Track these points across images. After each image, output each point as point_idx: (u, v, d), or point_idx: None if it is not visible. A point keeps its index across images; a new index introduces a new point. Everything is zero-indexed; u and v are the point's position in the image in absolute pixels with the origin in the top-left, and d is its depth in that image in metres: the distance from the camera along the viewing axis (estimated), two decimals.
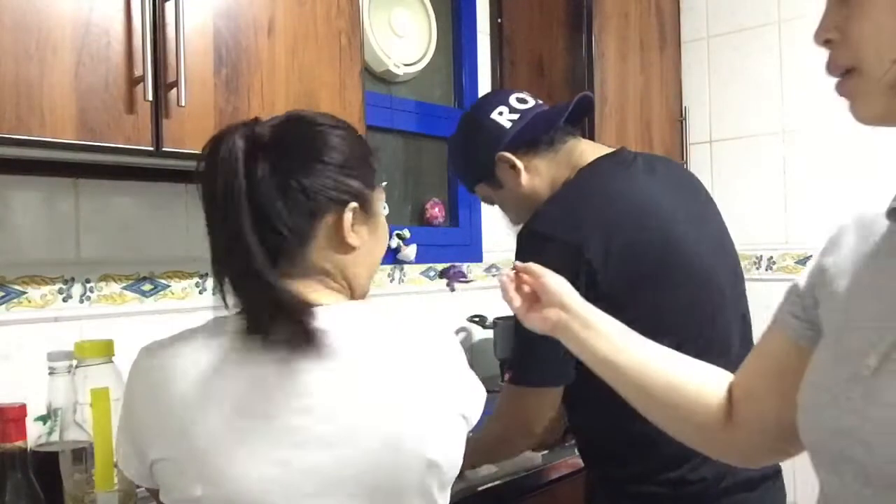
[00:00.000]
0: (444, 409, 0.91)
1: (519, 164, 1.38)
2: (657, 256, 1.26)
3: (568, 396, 1.32)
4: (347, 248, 0.93)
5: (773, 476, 1.33)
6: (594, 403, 1.27)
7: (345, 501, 0.85)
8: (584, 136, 1.45)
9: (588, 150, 1.39)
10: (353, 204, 0.93)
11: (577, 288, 1.19)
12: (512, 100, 1.42)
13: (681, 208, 1.33)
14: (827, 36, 0.69)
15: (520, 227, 1.35)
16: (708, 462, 1.23)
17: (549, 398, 1.30)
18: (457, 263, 2.34)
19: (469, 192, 1.55)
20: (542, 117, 1.41)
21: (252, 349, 0.85)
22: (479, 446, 1.29)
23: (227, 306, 0.88)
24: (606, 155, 1.38)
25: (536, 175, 1.39)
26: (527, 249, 1.26)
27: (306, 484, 0.83)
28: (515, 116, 1.40)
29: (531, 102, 1.43)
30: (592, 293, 1.19)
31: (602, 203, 1.29)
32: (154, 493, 0.92)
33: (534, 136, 1.38)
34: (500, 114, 1.40)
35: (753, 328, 1.38)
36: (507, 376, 1.30)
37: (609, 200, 1.29)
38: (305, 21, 1.46)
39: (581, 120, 1.46)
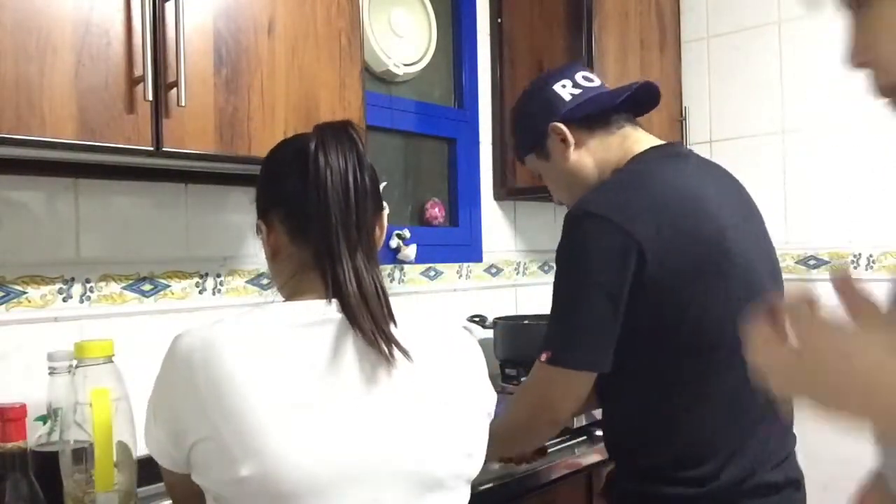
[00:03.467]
0: (478, 406, 1.00)
1: (570, 137, 1.38)
2: (707, 249, 1.24)
3: (600, 383, 1.27)
4: (376, 250, 0.99)
5: (796, 484, 1.32)
6: (628, 390, 1.29)
7: (390, 488, 0.88)
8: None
9: (642, 140, 1.38)
10: (386, 209, 1.04)
11: (625, 272, 1.19)
12: (578, 76, 1.42)
13: (730, 206, 1.32)
14: (861, 59, 0.69)
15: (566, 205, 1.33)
16: (731, 462, 1.23)
17: (586, 383, 1.25)
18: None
19: (520, 161, 1.54)
20: (602, 97, 1.41)
21: (309, 330, 0.89)
22: (498, 434, 1.19)
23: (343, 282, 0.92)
24: (660, 146, 1.38)
25: (586, 152, 1.38)
26: (575, 228, 1.25)
27: (354, 469, 0.86)
28: (577, 91, 1.40)
29: (596, 82, 1.43)
30: (640, 279, 1.19)
31: (655, 190, 1.27)
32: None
33: (590, 112, 1.38)
34: (564, 86, 1.41)
35: None
36: (544, 356, 1.23)
37: (662, 188, 1.28)
38: (305, 21, 1.47)
39: (648, 110, 1.45)
